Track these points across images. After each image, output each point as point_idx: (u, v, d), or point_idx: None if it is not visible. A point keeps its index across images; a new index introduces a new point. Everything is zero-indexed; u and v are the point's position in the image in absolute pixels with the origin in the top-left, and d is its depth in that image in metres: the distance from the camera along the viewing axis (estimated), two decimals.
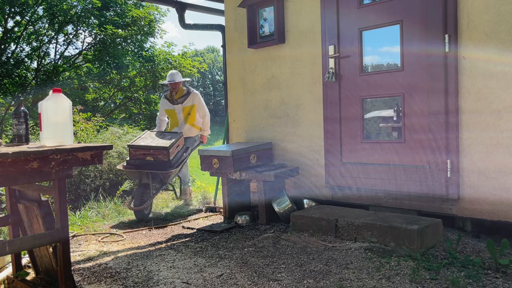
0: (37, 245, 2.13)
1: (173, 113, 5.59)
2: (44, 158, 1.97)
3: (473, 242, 3.02)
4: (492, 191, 3.06)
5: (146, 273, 2.79)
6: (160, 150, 4.57)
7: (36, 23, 11.76)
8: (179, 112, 5.54)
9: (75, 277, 2.76)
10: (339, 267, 2.68)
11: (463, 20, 3.14)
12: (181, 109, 5.51)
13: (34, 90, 11.29)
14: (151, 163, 4.59)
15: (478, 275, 2.46)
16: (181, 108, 5.51)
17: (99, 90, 13.39)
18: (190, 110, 5.52)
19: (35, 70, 11.89)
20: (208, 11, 6.63)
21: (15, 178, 1.96)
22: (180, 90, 5.53)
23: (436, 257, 2.77)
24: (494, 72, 3.02)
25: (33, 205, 2.34)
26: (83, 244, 3.62)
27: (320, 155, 4.02)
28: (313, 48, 4.02)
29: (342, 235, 3.21)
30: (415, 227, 2.89)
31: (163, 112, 5.69)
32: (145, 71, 12.79)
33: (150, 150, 4.58)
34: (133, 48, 13.29)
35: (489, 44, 3.03)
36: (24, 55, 11.88)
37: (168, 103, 5.58)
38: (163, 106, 5.70)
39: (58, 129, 2.16)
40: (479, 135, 3.11)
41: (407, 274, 2.52)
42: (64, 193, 2.09)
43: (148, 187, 4.63)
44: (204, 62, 17.82)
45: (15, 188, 2.46)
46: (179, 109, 5.53)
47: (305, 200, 4.02)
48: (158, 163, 4.58)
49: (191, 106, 5.53)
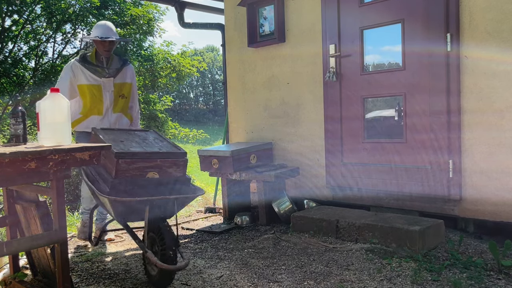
0: (35, 246, 2.10)
1: (95, 91, 3.50)
2: (42, 158, 1.95)
3: (475, 243, 3.00)
4: (494, 191, 3.04)
5: (145, 274, 2.76)
6: (174, 159, 2.68)
7: (34, 22, 11.70)
8: (107, 89, 3.54)
9: (73, 278, 2.74)
10: (340, 268, 2.66)
11: (465, 19, 3.12)
12: (112, 85, 3.55)
13: (32, 89, 11.24)
14: (161, 182, 2.64)
15: (480, 276, 2.44)
16: (112, 83, 3.55)
17: None
18: (124, 90, 3.65)
19: (33, 70, 11.84)
20: (207, 10, 6.60)
21: (13, 179, 1.93)
22: (111, 56, 3.62)
23: (438, 258, 2.75)
24: (497, 72, 3.00)
25: (30, 205, 2.31)
26: (81, 245, 3.59)
27: (320, 155, 4.00)
28: (314, 47, 4.00)
29: (343, 236, 3.18)
30: (416, 228, 2.87)
31: (73, 88, 3.47)
32: (144, 71, 12.75)
33: (156, 161, 2.61)
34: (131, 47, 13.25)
35: (492, 43, 3.01)
36: (22, 54, 11.83)
37: (90, 73, 3.49)
38: (75, 77, 3.49)
39: (56, 129, 2.14)
40: (481, 135, 3.09)
41: (409, 275, 2.50)
42: (62, 193, 2.06)
43: (167, 226, 2.57)
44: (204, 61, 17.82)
45: (12, 188, 2.44)
46: (108, 85, 3.53)
47: (305, 201, 3.99)
48: (171, 181, 2.68)
49: (128, 84, 3.68)
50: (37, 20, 11.82)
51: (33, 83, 11.37)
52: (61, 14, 11.48)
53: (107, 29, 3.55)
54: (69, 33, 12.38)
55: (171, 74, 13.01)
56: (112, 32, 3.55)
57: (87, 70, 3.48)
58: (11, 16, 11.28)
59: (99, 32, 3.49)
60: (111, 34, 3.53)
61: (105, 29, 3.53)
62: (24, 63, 11.87)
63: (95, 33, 3.49)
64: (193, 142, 15.82)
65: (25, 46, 12.02)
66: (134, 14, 12.34)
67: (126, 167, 2.50)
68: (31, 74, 11.76)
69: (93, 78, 3.48)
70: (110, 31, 3.54)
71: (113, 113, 3.59)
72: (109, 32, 3.52)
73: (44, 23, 11.93)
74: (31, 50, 11.88)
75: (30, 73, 11.91)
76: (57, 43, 12.44)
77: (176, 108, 22.49)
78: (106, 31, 3.51)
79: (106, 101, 3.53)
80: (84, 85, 3.48)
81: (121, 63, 3.66)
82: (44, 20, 11.82)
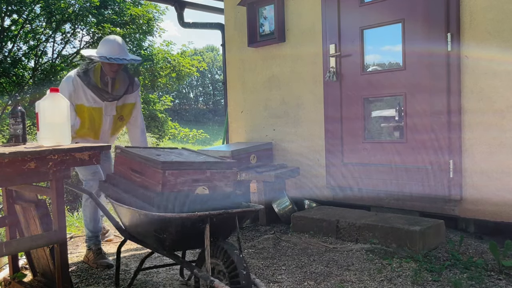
0: (34, 246, 2.09)
1: (96, 115, 3.06)
2: (41, 159, 1.94)
3: (476, 243, 2.99)
4: (495, 191, 3.04)
5: (144, 275, 2.75)
6: (221, 171, 2.23)
7: (33, 21, 11.69)
8: (108, 114, 3.10)
9: (73, 279, 2.73)
10: (340, 269, 2.66)
11: (465, 19, 3.11)
12: (114, 109, 3.11)
13: (31, 89, 11.24)
14: (213, 198, 2.19)
15: (481, 277, 2.44)
16: (115, 107, 3.11)
17: None
18: (124, 111, 3.20)
19: (32, 69, 11.84)
20: (207, 10, 6.59)
21: (12, 179, 1.92)
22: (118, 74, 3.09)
23: (438, 258, 2.74)
24: (497, 71, 3.00)
25: (30, 206, 2.30)
26: (81, 246, 3.58)
27: (321, 155, 3.99)
28: (314, 47, 3.99)
29: (343, 236, 3.18)
30: (417, 228, 2.86)
31: (72, 104, 2.94)
32: (144, 70, 12.73)
33: (205, 172, 2.18)
34: (131, 47, 13.23)
35: (492, 43, 3.01)
36: (21, 54, 11.82)
37: (92, 94, 3.00)
38: (75, 94, 2.99)
39: (55, 129, 2.14)
40: (482, 135, 3.08)
41: (409, 275, 2.50)
42: (61, 193, 2.05)
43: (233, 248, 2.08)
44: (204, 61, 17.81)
45: (12, 188, 2.42)
46: (110, 109, 3.09)
47: (305, 201, 3.98)
48: (220, 196, 2.21)
49: (129, 105, 3.21)
50: (36, 19, 11.81)
51: (33, 83, 11.36)
52: (60, 13, 11.47)
53: (117, 47, 2.96)
54: (69, 32, 12.37)
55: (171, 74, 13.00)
56: (123, 52, 2.98)
57: (89, 90, 2.99)
58: (11, 16, 11.28)
59: (107, 51, 2.93)
60: (122, 53, 2.95)
61: (114, 47, 2.96)
62: (23, 63, 11.86)
63: (103, 51, 2.94)
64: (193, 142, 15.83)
65: (25, 46, 12.02)
66: (134, 13, 12.33)
67: (174, 180, 2.04)
68: (31, 74, 11.75)
69: (94, 100, 3.01)
70: (120, 50, 2.96)
71: (109, 136, 3.23)
72: (120, 52, 2.95)
73: (43, 23, 11.92)
74: (31, 50, 11.87)
75: (29, 73, 11.90)
76: (56, 42, 12.44)
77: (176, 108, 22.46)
78: (115, 50, 2.94)
79: (105, 125, 3.13)
80: (84, 107, 3.01)
81: (127, 84, 3.12)
82: (44, 19, 11.81)
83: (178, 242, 2.03)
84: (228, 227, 2.12)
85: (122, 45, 3.01)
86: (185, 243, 2.06)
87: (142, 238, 2.21)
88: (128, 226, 2.26)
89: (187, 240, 2.05)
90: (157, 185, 2.02)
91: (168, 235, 1.97)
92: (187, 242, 2.07)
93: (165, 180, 2.01)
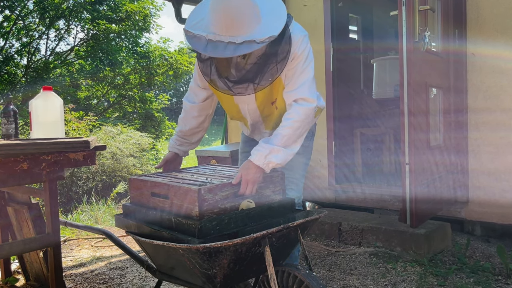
0: (27, 249, 2.05)
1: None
2: (34, 159, 1.89)
3: (482, 246, 2.95)
4: (502, 193, 2.98)
5: (141, 279, 2.69)
6: (267, 175, 1.80)
7: (26, 17, 11.56)
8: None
9: (67, 283, 2.66)
10: (343, 273, 2.60)
11: (472, 15, 3.05)
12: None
13: (23, 87, 11.11)
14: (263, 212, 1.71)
15: (488, 281, 2.39)
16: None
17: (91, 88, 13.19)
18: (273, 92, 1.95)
19: (25, 67, 11.70)
20: None
21: (4, 180, 1.88)
22: None
23: (444, 262, 2.70)
24: (505, 69, 2.95)
25: (22, 208, 2.27)
26: (75, 249, 3.49)
27: (323, 156, 3.92)
28: (316, 44, 3.91)
29: (346, 239, 3.11)
30: (422, 231, 2.80)
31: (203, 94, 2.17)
32: (140, 68, 12.61)
33: None
34: (127, 44, 13.12)
35: (499, 40, 2.95)
36: (14, 51, 11.69)
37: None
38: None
39: (49, 129, 2.13)
40: (488, 134, 3.03)
41: (414, 280, 2.44)
42: (55, 195, 2.02)
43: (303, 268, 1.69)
44: None
45: (4, 190, 2.38)
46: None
47: (307, 203, 3.92)
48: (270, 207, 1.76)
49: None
50: (29, 16, 11.67)
51: (25, 81, 11.23)
52: (54, 9, 11.34)
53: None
54: (63, 29, 12.23)
55: (168, 72, 12.89)
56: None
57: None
58: (3, 12, 11.14)
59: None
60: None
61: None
62: (16, 61, 11.73)
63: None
64: None
65: (17, 43, 11.88)
66: (130, 9, 12.21)
67: (212, 198, 1.57)
68: (23, 72, 11.61)
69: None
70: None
71: (263, 126, 2.21)
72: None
73: (36, 19, 11.79)
74: (23, 47, 11.73)
75: (22, 71, 11.77)
76: (50, 39, 12.29)
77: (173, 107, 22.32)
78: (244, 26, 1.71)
79: (250, 114, 2.22)
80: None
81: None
82: (37, 16, 11.68)
83: (232, 274, 1.59)
84: (290, 244, 1.69)
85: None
86: (239, 275, 1.64)
87: (183, 277, 1.72)
88: (163, 264, 1.77)
89: (240, 270, 1.61)
90: (193, 208, 1.57)
91: (219, 269, 1.53)
92: (241, 273, 1.64)
93: (202, 199, 1.55)
